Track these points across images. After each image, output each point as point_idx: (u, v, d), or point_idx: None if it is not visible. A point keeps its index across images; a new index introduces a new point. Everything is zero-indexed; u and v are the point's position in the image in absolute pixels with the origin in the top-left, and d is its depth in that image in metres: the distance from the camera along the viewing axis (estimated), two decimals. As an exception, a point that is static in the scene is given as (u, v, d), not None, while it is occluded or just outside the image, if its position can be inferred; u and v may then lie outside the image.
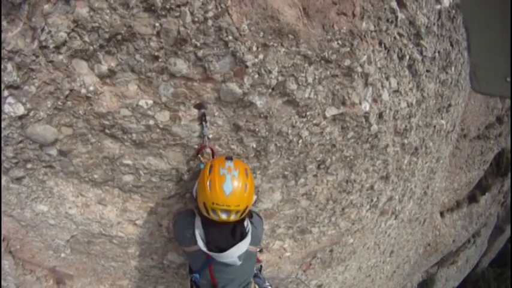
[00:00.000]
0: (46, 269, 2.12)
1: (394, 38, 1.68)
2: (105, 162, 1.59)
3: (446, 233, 5.28)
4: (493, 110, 5.68)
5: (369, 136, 2.03)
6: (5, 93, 1.30)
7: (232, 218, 1.37)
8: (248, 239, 1.49)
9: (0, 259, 2.02)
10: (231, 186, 1.33)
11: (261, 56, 1.35)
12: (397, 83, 2.04)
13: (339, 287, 3.44)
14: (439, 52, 2.28)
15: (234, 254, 1.46)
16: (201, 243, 1.45)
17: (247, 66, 1.36)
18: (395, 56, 1.92)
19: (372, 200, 2.65)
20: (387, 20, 1.55)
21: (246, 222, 1.54)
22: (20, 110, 1.35)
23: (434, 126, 2.90)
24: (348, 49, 1.47)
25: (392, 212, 3.18)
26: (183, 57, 1.31)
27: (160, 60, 1.31)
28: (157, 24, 1.23)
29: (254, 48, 1.32)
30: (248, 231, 1.51)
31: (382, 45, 1.75)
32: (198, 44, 1.28)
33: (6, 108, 1.33)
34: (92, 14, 1.19)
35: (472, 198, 6.14)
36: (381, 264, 3.80)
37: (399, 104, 2.15)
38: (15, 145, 1.46)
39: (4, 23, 1.18)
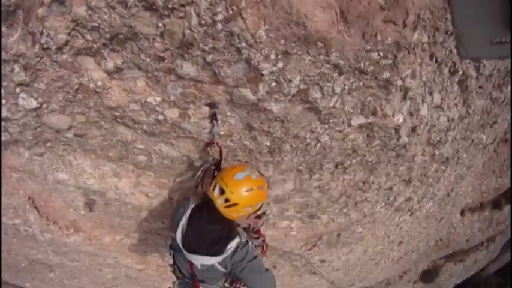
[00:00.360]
0: (67, 220, 2.74)
1: (450, 51, 1.47)
2: (119, 144, 1.83)
3: (462, 232, 5.57)
4: None
5: (397, 146, 2.00)
6: (17, 89, 1.47)
7: (219, 201, 1.55)
8: (218, 258, 1.68)
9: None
10: (242, 177, 1.54)
11: (280, 65, 1.32)
12: (441, 99, 1.87)
13: (341, 265, 4.00)
14: (498, 70, 1.96)
15: (199, 260, 1.72)
16: (179, 234, 1.70)
17: (263, 75, 1.36)
18: (446, 71, 1.71)
19: (388, 199, 2.77)
20: (446, 32, 1.34)
21: (233, 243, 1.67)
22: (33, 103, 1.53)
23: (473, 140, 2.72)
24: (390, 61, 1.35)
25: (409, 209, 3.32)
26: (190, 60, 1.33)
27: (166, 61, 1.34)
28: (160, 25, 1.22)
29: (272, 57, 1.28)
30: (226, 252, 1.67)
31: (434, 58, 1.54)
32: (207, 49, 1.27)
33: (20, 101, 1.51)
34: (90, 13, 1.20)
35: (497, 205, 6.26)
36: (388, 251, 4.20)
37: (438, 119, 2.01)
38: (33, 130, 1.70)
39: (4, 29, 1.24)
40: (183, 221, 1.72)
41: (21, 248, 3.28)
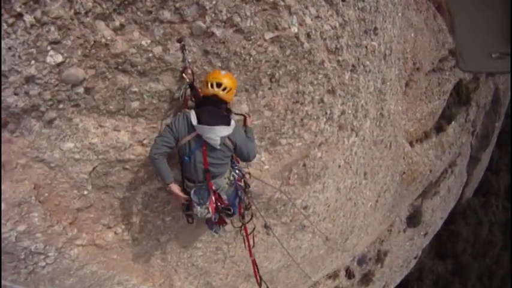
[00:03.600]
0: (71, 215, 3.28)
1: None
2: (118, 93, 2.97)
3: (420, 161, 7.40)
4: (444, 44, 7.97)
5: (304, 53, 3.69)
6: (48, 48, 2.61)
7: (221, 92, 2.92)
8: (230, 128, 3.01)
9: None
10: (224, 72, 3.05)
11: (214, 2, 2.91)
12: (316, 11, 3.73)
13: (323, 210, 5.09)
14: None
15: (217, 132, 2.94)
16: (194, 122, 2.92)
17: (206, 10, 2.90)
18: None
19: (326, 113, 4.35)
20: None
21: (233, 121, 3.05)
22: (59, 58, 2.66)
23: (366, 47, 4.72)
24: None
25: (351, 128, 4.94)
26: (167, 9, 2.80)
27: (153, 13, 2.78)
28: (149, -11, 2.70)
29: (209, -3, 2.88)
30: (233, 125, 3.03)
31: None
32: (175, 0, 2.79)
33: (48, 59, 2.64)
34: (108, -12, 2.62)
35: (439, 128, 8.49)
36: (358, 186, 5.56)
37: (322, 26, 3.85)
38: (52, 88, 2.74)
39: (48, 0, 2.52)
40: (194, 119, 2.95)
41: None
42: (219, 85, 2.93)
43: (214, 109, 2.98)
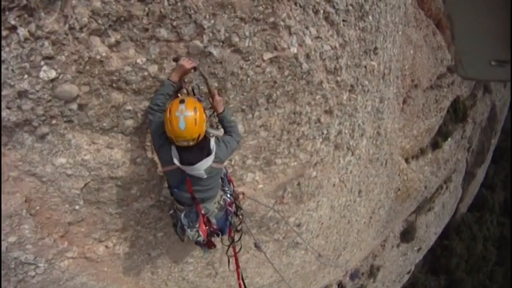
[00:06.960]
0: (62, 229, 3.11)
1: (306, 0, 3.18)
2: (112, 110, 2.80)
3: (415, 178, 7.17)
4: (442, 61, 7.77)
5: (303, 73, 3.52)
6: (41, 63, 2.45)
7: (191, 143, 2.53)
8: (212, 156, 2.68)
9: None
10: (184, 124, 2.43)
11: (212, 21, 2.74)
12: (317, 31, 3.56)
13: (317, 227, 4.88)
14: (352, 5, 3.88)
15: (201, 168, 2.65)
16: (176, 162, 2.63)
17: (204, 29, 2.73)
18: (310, 12, 3.44)
19: (322, 133, 4.16)
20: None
21: (212, 143, 2.70)
22: (53, 74, 2.50)
23: (366, 67, 4.52)
24: (270, 10, 2.93)
25: (347, 147, 4.74)
26: (164, 27, 2.63)
27: (149, 31, 2.61)
28: (146, 8, 2.54)
29: (207, 16, 2.70)
30: (213, 150, 2.69)
31: (298, 4, 3.25)
32: (173, 18, 2.62)
33: (41, 74, 2.48)
34: (103, 5, 2.46)
35: (435, 145, 8.25)
36: (352, 203, 5.35)
37: (322, 47, 3.68)
38: (45, 104, 2.59)
39: (42, 14, 2.35)
40: (174, 154, 2.63)
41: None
42: (186, 141, 2.48)
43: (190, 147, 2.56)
